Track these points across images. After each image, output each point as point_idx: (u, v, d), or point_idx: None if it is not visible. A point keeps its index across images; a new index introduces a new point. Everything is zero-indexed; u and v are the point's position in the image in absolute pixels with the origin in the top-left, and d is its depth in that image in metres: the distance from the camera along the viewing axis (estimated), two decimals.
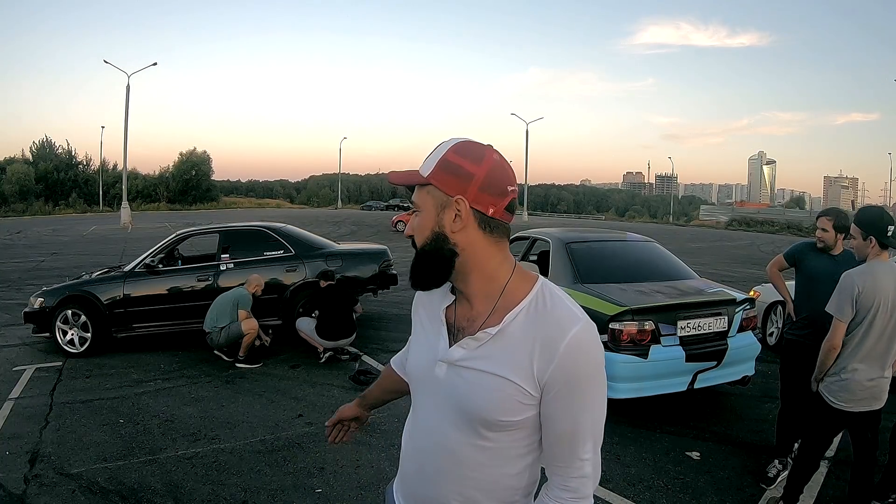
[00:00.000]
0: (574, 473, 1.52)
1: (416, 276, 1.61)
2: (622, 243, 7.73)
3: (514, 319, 1.51)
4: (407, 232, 1.63)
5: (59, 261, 20.20)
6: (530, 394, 1.49)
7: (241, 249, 9.52)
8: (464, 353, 1.56)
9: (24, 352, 8.88)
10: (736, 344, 6.13)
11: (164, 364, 8.15)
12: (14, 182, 66.76)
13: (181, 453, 5.38)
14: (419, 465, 1.69)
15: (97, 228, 37.68)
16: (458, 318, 1.62)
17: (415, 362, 1.75)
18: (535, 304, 1.53)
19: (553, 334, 1.46)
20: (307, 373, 7.78)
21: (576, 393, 1.47)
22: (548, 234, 7.71)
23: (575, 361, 1.45)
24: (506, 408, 1.50)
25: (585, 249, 7.12)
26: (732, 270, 19.02)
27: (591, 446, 1.52)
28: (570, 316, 1.50)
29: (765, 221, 57.68)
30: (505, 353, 1.50)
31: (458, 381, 1.56)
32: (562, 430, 1.50)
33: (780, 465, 4.97)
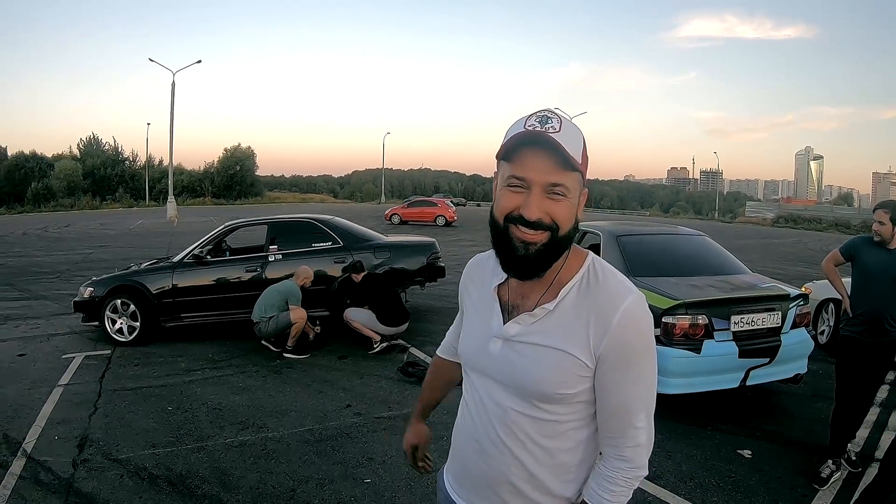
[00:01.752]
0: (629, 443, 1.56)
1: (538, 266, 1.51)
2: (673, 236, 7.63)
3: (568, 294, 1.55)
4: (539, 217, 1.45)
5: (107, 253, 20.58)
6: (586, 365, 1.51)
7: (289, 241, 9.55)
8: (520, 329, 1.58)
9: (74, 340, 9.05)
10: (789, 341, 5.98)
11: (212, 353, 8.24)
12: (62, 178, 68.10)
13: (229, 441, 5.41)
14: (476, 444, 1.69)
15: (144, 222, 38.37)
16: (512, 296, 1.64)
17: (468, 341, 1.75)
18: (587, 279, 1.56)
19: (606, 307, 1.49)
20: (355, 364, 7.78)
21: (629, 363, 1.50)
22: (598, 227, 7.61)
23: (628, 332, 1.49)
24: (563, 381, 1.52)
25: (636, 242, 7.04)
26: (780, 268, 18.68)
27: (644, 416, 1.55)
28: (622, 289, 1.53)
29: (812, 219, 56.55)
30: (561, 327, 1.53)
31: (513, 356, 1.58)
32: (617, 401, 1.53)
33: (834, 466, 4.82)
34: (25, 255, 20.53)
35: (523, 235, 1.47)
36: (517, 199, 1.46)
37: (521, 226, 1.46)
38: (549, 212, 1.46)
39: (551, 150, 1.43)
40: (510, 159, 1.48)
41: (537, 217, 1.45)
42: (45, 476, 4.74)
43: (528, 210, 1.45)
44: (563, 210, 1.47)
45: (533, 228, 1.46)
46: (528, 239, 1.47)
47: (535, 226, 1.46)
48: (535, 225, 1.45)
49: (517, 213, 1.46)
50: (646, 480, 4.56)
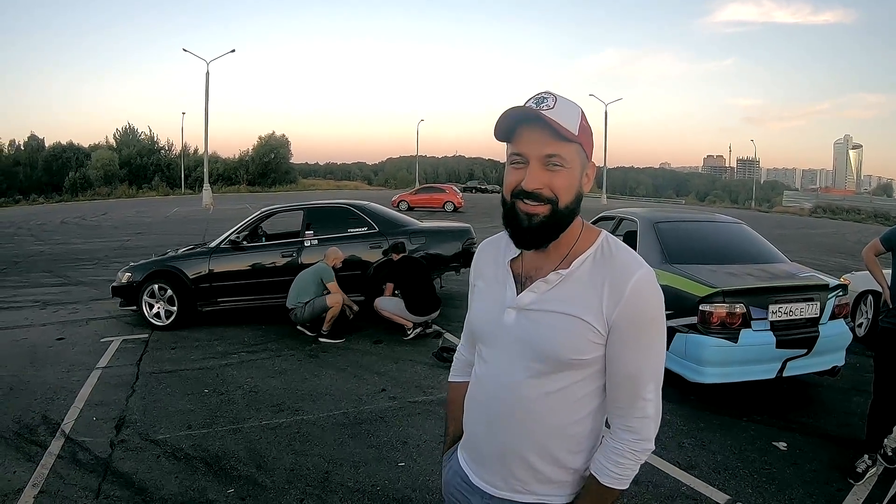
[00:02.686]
0: (637, 413, 1.58)
1: (542, 236, 1.58)
2: (711, 224, 7.52)
3: (583, 264, 1.59)
4: (536, 186, 1.53)
5: (144, 240, 20.89)
6: (599, 332, 1.54)
7: (325, 227, 9.59)
8: (535, 297, 1.62)
9: (111, 324, 9.22)
10: (827, 332, 5.88)
11: (248, 337, 8.34)
12: (99, 167, 69.32)
13: (265, 423, 5.48)
14: (487, 419, 1.71)
15: (179, 210, 38.91)
16: (526, 269, 1.68)
17: (480, 315, 1.77)
18: (601, 251, 1.61)
19: (620, 276, 1.54)
20: (390, 349, 7.82)
21: (641, 332, 1.54)
22: (635, 213, 7.57)
23: (639, 302, 1.53)
24: (577, 346, 1.55)
25: (673, 229, 6.96)
26: (818, 259, 18.39)
27: (653, 387, 1.58)
28: (634, 261, 1.59)
29: (851, 209, 55.51)
30: (575, 294, 1.57)
31: (527, 323, 1.61)
32: (626, 371, 1.56)
33: (870, 461, 4.69)
34: (64, 242, 20.90)
35: (526, 208, 1.55)
36: (519, 175, 1.55)
37: (525, 199, 1.54)
38: (548, 183, 1.53)
39: (542, 123, 1.50)
40: (511, 139, 1.58)
41: (534, 187, 1.53)
42: (83, 456, 4.84)
43: (527, 181, 1.53)
44: (561, 180, 1.54)
45: (534, 200, 1.53)
46: (531, 211, 1.54)
47: (535, 197, 1.53)
48: (535, 196, 1.53)
49: (520, 188, 1.54)
50: (680, 470, 4.58)
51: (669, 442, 5.04)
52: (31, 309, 10.31)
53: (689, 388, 5.72)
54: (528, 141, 1.53)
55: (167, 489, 4.33)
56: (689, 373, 5.61)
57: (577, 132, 1.53)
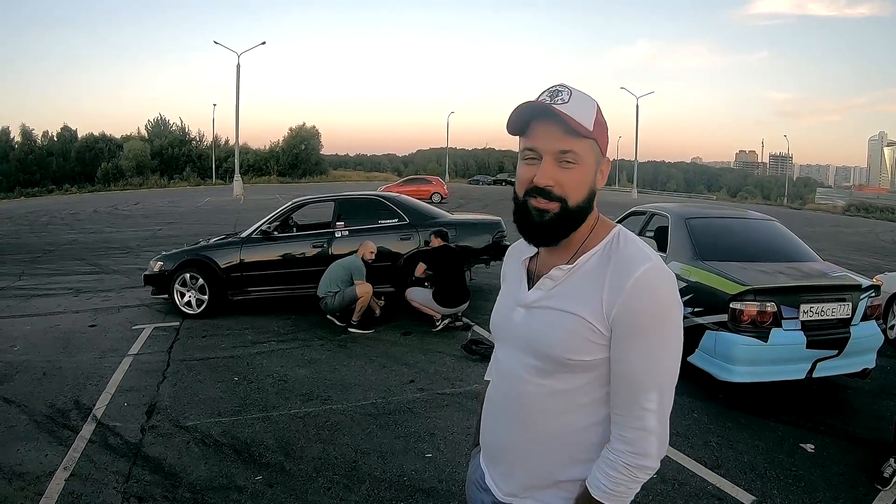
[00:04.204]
0: (634, 423, 1.47)
1: (553, 233, 1.55)
2: (743, 220, 7.43)
3: (589, 260, 1.54)
4: (547, 183, 1.49)
5: (175, 229, 21.18)
6: (600, 331, 1.47)
7: (356, 218, 9.62)
8: (540, 294, 1.59)
9: (143, 312, 9.37)
10: (858, 333, 5.79)
11: (278, 327, 8.41)
12: (131, 158, 70.22)
13: (294, 412, 5.54)
14: (496, 416, 1.70)
15: (211, 200, 39.31)
16: (540, 266, 1.65)
17: (496, 314, 1.76)
18: (608, 246, 1.54)
19: (622, 271, 1.47)
20: (419, 340, 7.84)
21: (641, 333, 1.44)
22: (666, 208, 7.52)
23: (641, 298, 1.43)
24: (575, 345, 1.49)
25: (705, 225, 6.92)
26: (851, 258, 18.11)
27: (655, 397, 1.46)
28: (641, 255, 1.49)
29: (885, 208, 54.56)
30: (576, 291, 1.52)
31: (532, 321, 1.58)
32: (625, 372, 1.47)
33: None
34: (97, 231, 21.24)
35: (538, 203, 1.51)
36: (532, 170, 1.51)
37: (536, 195, 1.51)
38: (559, 180, 1.49)
39: (557, 119, 1.46)
40: (524, 133, 1.54)
41: (546, 184, 1.49)
42: (114, 440, 4.94)
43: (539, 177, 1.49)
44: (574, 177, 1.50)
45: (545, 196, 1.50)
46: (542, 206, 1.51)
47: (546, 194, 1.49)
48: (546, 193, 1.49)
49: (532, 185, 1.51)
50: (707, 469, 4.55)
51: (696, 440, 5.02)
52: (64, 296, 10.50)
53: (717, 386, 5.69)
54: (541, 136, 1.49)
55: (196, 475, 4.40)
56: (718, 371, 5.57)
57: (592, 127, 1.50)
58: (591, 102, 1.52)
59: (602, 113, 1.54)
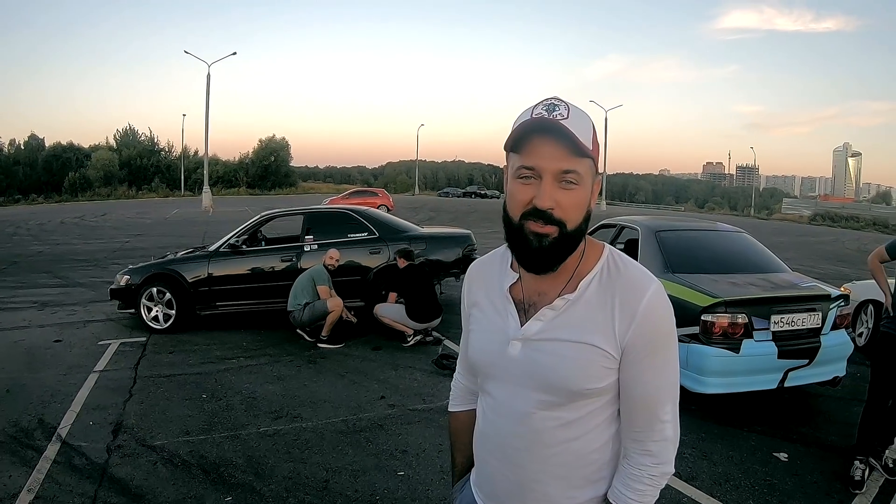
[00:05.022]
0: (655, 437, 1.49)
1: (553, 257, 1.44)
2: (713, 233, 7.51)
3: (590, 286, 1.49)
4: (550, 205, 1.39)
5: (143, 241, 20.94)
6: (613, 357, 1.46)
7: (325, 231, 9.56)
8: (542, 326, 1.51)
9: (109, 327, 9.20)
10: (829, 342, 5.87)
11: (247, 342, 8.30)
12: (99, 168, 69.55)
13: (263, 430, 5.44)
14: (501, 454, 1.61)
15: (179, 212, 38.99)
16: (528, 294, 1.56)
17: (481, 348, 1.65)
18: (607, 269, 1.51)
19: (630, 295, 1.45)
20: (389, 355, 7.77)
21: (654, 353, 1.46)
22: (636, 221, 7.55)
23: (653, 321, 1.45)
24: (591, 374, 1.46)
25: (675, 238, 6.95)
26: (817, 266, 18.43)
27: (670, 407, 1.50)
28: (644, 277, 1.49)
29: (850, 217, 55.70)
30: (585, 319, 1.47)
31: (537, 355, 1.50)
32: (643, 393, 1.47)
33: (863, 466, 4.70)
34: (63, 243, 20.92)
35: (537, 227, 1.41)
36: (530, 192, 1.41)
37: (535, 218, 1.41)
38: (559, 202, 1.40)
39: (561, 136, 1.37)
40: (519, 150, 1.43)
41: (548, 205, 1.39)
42: (80, 461, 4.80)
43: (540, 199, 1.39)
44: (573, 199, 1.41)
45: (545, 220, 1.40)
46: (542, 231, 1.41)
47: (546, 217, 1.40)
48: (546, 216, 1.39)
49: (532, 206, 1.40)
50: (681, 481, 4.55)
51: None
52: (29, 310, 10.29)
53: (690, 397, 5.64)
54: (543, 154, 1.38)
55: (164, 496, 4.28)
56: (690, 383, 5.56)
57: (591, 146, 1.42)
58: (588, 119, 1.45)
59: (596, 131, 1.48)
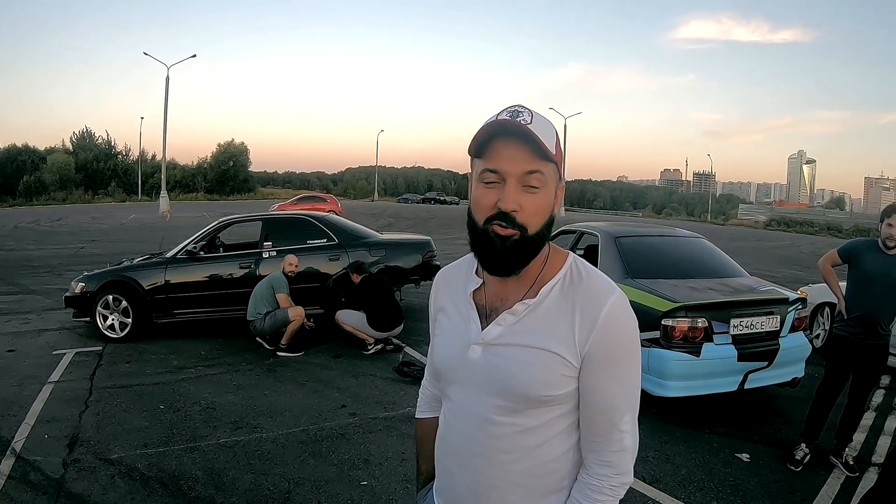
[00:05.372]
0: (614, 447, 1.48)
1: (516, 259, 1.45)
2: (672, 238, 7.64)
3: (551, 292, 1.49)
4: (513, 207, 1.40)
5: (99, 247, 20.49)
6: (572, 365, 1.45)
7: (284, 238, 9.46)
8: (501, 331, 1.51)
9: (64, 336, 8.96)
10: (787, 344, 6.00)
11: (205, 351, 8.15)
12: (55, 171, 68.17)
13: (223, 441, 5.34)
14: (461, 459, 1.60)
15: (136, 217, 38.31)
16: (490, 300, 1.57)
17: (443, 352, 1.65)
18: (569, 276, 1.51)
19: (592, 303, 1.45)
20: (350, 363, 7.70)
21: (616, 362, 1.45)
22: (596, 227, 7.59)
23: (614, 330, 1.44)
24: (550, 381, 1.45)
25: (635, 244, 7.03)
26: (774, 271, 18.74)
27: (629, 417, 1.49)
28: (606, 286, 1.49)
29: (804, 222, 57.02)
30: (545, 326, 1.47)
31: (497, 360, 1.50)
32: (602, 402, 1.46)
33: (807, 449, 5.10)
34: (17, 248, 20.43)
35: (500, 230, 1.41)
36: (494, 195, 1.41)
37: (499, 221, 1.41)
38: (522, 205, 1.40)
39: (524, 139, 1.39)
40: (483, 154, 1.43)
41: (512, 208, 1.39)
42: (35, 476, 4.66)
43: (504, 201, 1.39)
44: (536, 203, 1.42)
45: (507, 223, 1.40)
46: (504, 233, 1.41)
47: (510, 220, 1.40)
48: (510, 219, 1.40)
49: (497, 210, 1.41)
50: (645, 484, 4.59)
51: None
52: None
53: (651, 401, 5.70)
54: (507, 157, 1.39)
55: None
56: (652, 387, 5.61)
57: (555, 151, 1.43)
58: (551, 125, 1.46)
59: (559, 137, 1.49)
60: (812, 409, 5.18)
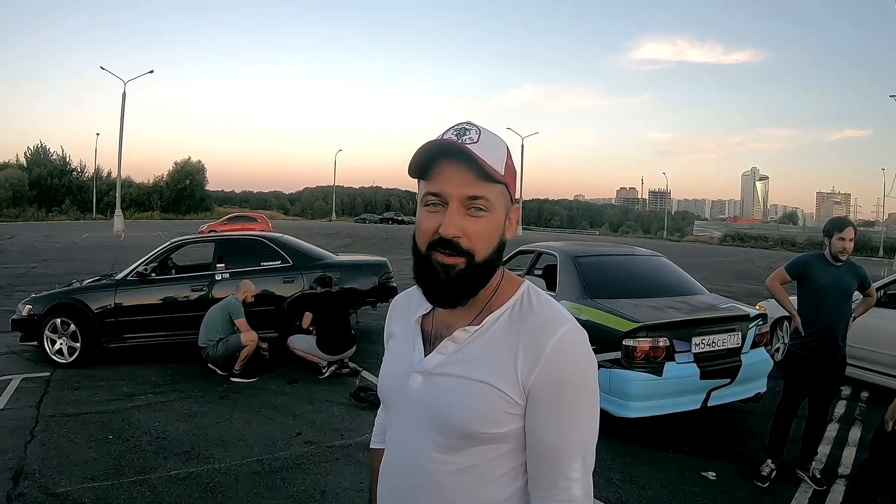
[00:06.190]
0: (561, 496, 1.32)
1: (460, 291, 1.33)
2: (631, 258, 7.65)
3: (497, 321, 1.37)
4: (455, 233, 1.29)
5: (51, 267, 20.04)
6: (515, 401, 1.31)
7: (237, 259, 9.29)
8: (441, 359, 1.39)
9: (11, 361, 8.64)
10: (749, 360, 6.04)
11: (156, 377, 7.91)
12: (7, 187, 67.26)
13: (173, 473, 5.13)
14: (396, 494, 1.48)
15: (90, 236, 37.75)
16: (437, 326, 1.45)
17: (386, 378, 1.54)
18: (519, 305, 1.39)
19: (539, 334, 1.31)
20: (305, 389, 7.53)
21: (563, 401, 1.30)
22: (554, 247, 7.58)
23: (562, 364, 1.29)
24: (488, 418, 1.32)
25: (594, 263, 7.00)
26: (730, 286, 19.04)
27: (579, 465, 1.33)
28: (558, 316, 1.36)
29: (759, 237, 58.41)
30: (486, 357, 1.34)
31: (434, 391, 1.38)
32: (547, 444, 1.31)
33: (773, 465, 5.16)
34: None
35: (443, 258, 1.30)
36: (436, 220, 1.31)
37: (441, 248, 1.30)
38: (466, 231, 1.30)
39: (467, 160, 1.28)
40: (425, 175, 1.34)
41: (453, 234, 1.29)
42: None
43: (445, 227, 1.29)
44: (482, 227, 1.31)
45: (450, 249, 1.30)
46: (448, 262, 1.30)
47: (452, 246, 1.29)
48: (452, 245, 1.29)
49: (438, 236, 1.30)
50: None
51: (598, 478, 4.88)
52: None
53: (614, 422, 5.64)
54: (448, 179, 1.29)
55: None
56: (614, 408, 5.58)
57: (504, 171, 1.33)
58: (501, 144, 1.36)
59: (511, 156, 1.39)
60: (774, 426, 5.23)
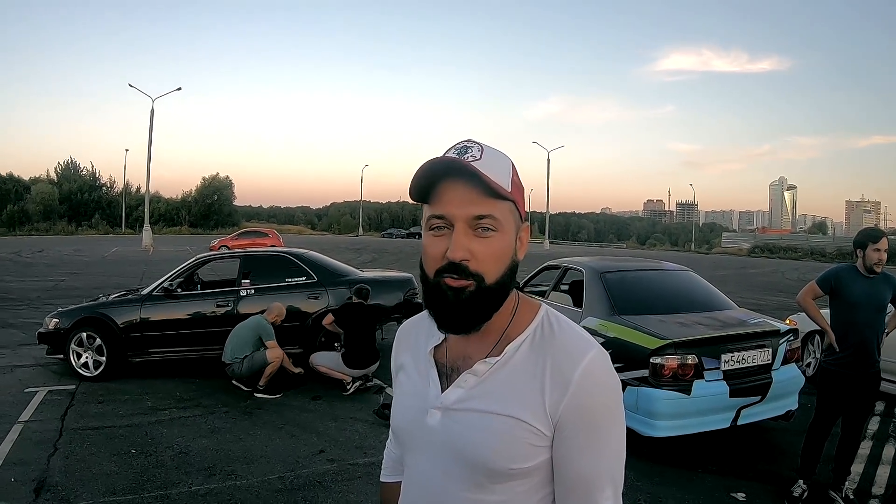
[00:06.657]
0: None
1: (472, 315, 1.26)
2: (658, 272, 7.55)
3: (519, 349, 1.30)
4: (463, 256, 1.22)
5: (79, 281, 20.28)
6: (543, 433, 1.24)
7: (263, 275, 9.32)
8: (461, 394, 1.31)
9: (38, 373, 8.75)
10: (780, 377, 5.88)
11: (180, 392, 7.92)
12: (38, 201, 68.34)
13: (195, 489, 5.11)
14: None
15: (119, 250, 38.18)
16: (451, 358, 1.37)
17: (401, 415, 1.46)
18: (540, 331, 1.31)
19: (565, 362, 1.25)
20: (329, 405, 7.47)
21: (593, 429, 1.24)
22: (581, 262, 7.48)
23: (592, 391, 1.23)
24: (516, 453, 1.25)
25: (621, 279, 6.91)
26: (760, 298, 18.77)
27: (611, 492, 1.26)
28: (582, 341, 1.29)
29: (788, 248, 57.66)
30: (510, 389, 1.27)
31: (456, 427, 1.30)
32: (578, 473, 1.25)
33: (805, 486, 5.00)
34: None
35: (452, 283, 1.23)
36: (442, 244, 1.24)
37: (450, 273, 1.23)
38: (474, 253, 1.23)
39: (470, 177, 1.21)
40: (428, 199, 1.27)
41: (461, 257, 1.22)
42: None
43: (452, 250, 1.22)
44: (492, 248, 1.24)
45: (458, 273, 1.23)
46: (457, 285, 1.23)
47: (460, 270, 1.22)
48: (460, 269, 1.22)
49: (447, 261, 1.23)
50: None
51: (625, 500, 4.80)
52: None
53: (641, 441, 5.53)
54: (452, 200, 1.23)
55: None
56: (641, 427, 5.46)
57: (510, 188, 1.26)
58: (505, 160, 1.29)
59: (518, 172, 1.32)
60: (806, 445, 5.07)
